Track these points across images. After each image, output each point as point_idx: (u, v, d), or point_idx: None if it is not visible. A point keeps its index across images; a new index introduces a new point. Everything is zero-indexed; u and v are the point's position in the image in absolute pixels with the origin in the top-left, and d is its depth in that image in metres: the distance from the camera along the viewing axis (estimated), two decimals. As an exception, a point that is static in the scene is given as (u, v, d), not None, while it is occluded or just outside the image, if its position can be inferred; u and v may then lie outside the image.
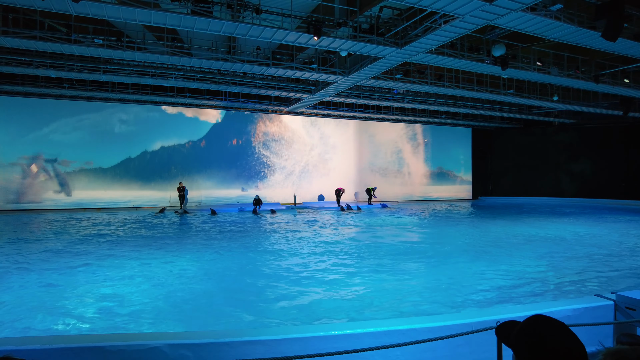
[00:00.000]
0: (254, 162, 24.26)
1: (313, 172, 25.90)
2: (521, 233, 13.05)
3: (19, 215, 17.57)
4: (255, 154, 24.31)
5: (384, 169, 28.15)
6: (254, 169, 24.26)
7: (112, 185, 21.01)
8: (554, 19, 10.69)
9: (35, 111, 19.41)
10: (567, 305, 3.59)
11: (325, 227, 14.37)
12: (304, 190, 25.22)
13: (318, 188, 25.64)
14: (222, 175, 23.41)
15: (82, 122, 20.46)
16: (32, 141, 19.49)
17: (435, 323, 3.07)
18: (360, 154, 27.56)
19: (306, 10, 13.13)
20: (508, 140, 30.65)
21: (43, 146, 19.67)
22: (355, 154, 27.37)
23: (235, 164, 23.75)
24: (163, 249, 9.92)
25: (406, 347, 2.75)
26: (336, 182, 24.67)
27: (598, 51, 13.70)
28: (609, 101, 22.20)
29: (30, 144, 19.45)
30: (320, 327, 3.17)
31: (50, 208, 19.62)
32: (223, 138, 23.65)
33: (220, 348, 2.68)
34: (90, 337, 2.87)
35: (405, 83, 17.45)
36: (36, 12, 11.83)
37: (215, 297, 6.06)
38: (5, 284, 6.67)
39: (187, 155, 22.71)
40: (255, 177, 24.14)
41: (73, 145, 20.24)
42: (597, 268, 7.98)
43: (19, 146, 19.28)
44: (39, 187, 19.69)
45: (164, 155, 22.15)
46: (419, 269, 8.02)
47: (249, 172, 24.08)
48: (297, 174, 25.42)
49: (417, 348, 2.83)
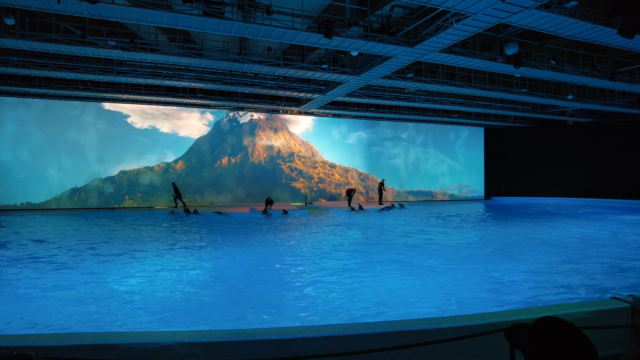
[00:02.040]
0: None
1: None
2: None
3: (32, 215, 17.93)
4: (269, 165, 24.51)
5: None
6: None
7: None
8: (568, 16, 10.50)
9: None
10: (582, 307, 3.53)
11: (353, 228, 14.35)
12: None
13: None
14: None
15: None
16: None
17: (447, 324, 3.04)
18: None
19: (317, 10, 13.13)
20: (521, 140, 30.20)
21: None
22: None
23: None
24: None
25: (418, 347, 2.74)
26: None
27: (614, 48, 13.41)
28: (626, 99, 21.75)
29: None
30: (332, 328, 3.16)
31: (54, 208, 20.00)
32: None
33: (231, 347, 2.69)
34: (104, 335, 2.91)
35: (417, 82, 17.33)
36: (52, 16, 12.05)
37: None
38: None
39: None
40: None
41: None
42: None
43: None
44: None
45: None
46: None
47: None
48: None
49: (429, 349, 2.81)
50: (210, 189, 23.11)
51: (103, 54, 13.59)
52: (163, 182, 22.02)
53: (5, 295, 6.28)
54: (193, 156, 22.96)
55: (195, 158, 23.00)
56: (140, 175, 21.80)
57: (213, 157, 23.43)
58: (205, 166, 23.21)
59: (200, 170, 23.04)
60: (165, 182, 21.93)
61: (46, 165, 19.91)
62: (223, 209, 20.14)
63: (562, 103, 21.46)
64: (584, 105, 22.04)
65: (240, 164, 24.01)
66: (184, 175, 22.61)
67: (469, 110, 24.06)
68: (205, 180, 23.12)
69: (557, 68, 15.89)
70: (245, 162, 24.11)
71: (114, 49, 13.05)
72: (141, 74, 16.60)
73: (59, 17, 12.09)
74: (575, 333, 1.14)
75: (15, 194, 19.42)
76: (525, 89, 19.91)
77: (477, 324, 3.02)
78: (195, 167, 22.95)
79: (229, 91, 20.24)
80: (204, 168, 23.14)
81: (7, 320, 5.22)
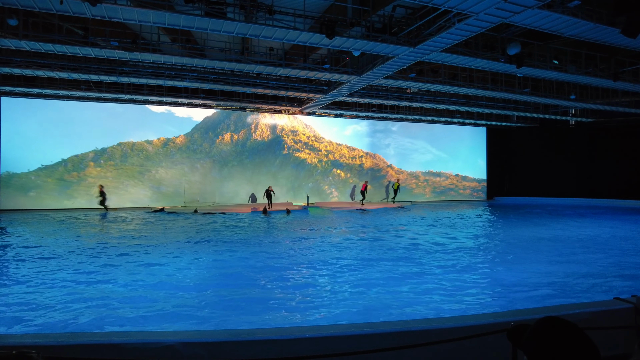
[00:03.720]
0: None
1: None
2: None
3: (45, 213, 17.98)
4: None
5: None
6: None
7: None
8: (571, 16, 10.47)
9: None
10: (585, 308, 3.51)
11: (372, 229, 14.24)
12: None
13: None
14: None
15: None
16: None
17: (449, 324, 3.04)
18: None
19: (319, 10, 13.13)
20: (524, 140, 30.11)
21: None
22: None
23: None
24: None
25: (418, 348, 2.73)
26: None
27: (618, 48, 13.36)
28: (629, 99, 21.67)
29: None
30: (333, 328, 3.16)
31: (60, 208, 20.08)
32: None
33: (233, 347, 2.70)
34: (106, 335, 2.92)
35: (419, 82, 17.31)
36: (54, 16, 12.10)
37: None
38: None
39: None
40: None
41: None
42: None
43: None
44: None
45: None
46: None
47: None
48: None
49: (430, 349, 2.80)
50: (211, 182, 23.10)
51: (105, 54, 13.63)
52: (162, 156, 22.15)
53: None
54: (195, 132, 23.17)
55: (197, 134, 23.20)
56: (136, 148, 21.89)
57: (215, 133, 23.61)
58: (207, 141, 23.34)
59: (201, 144, 23.15)
60: (164, 155, 22.06)
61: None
62: (225, 209, 20.19)
63: (564, 103, 21.39)
64: (587, 105, 21.97)
65: (243, 140, 24.20)
66: (185, 149, 22.69)
67: (471, 110, 24.02)
68: (204, 154, 23.11)
69: (559, 68, 15.84)
70: (248, 138, 24.31)
71: (116, 49, 13.09)
72: (143, 74, 16.64)
73: (62, 17, 12.14)
74: (577, 333, 1.13)
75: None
76: (527, 88, 19.86)
77: (479, 324, 3.01)
78: (196, 142, 23.10)
79: (231, 91, 20.26)
80: (205, 142, 23.27)
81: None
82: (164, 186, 22.17)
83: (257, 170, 24.22)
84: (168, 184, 22.25)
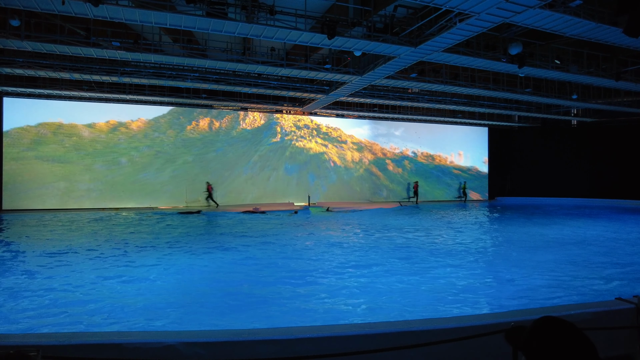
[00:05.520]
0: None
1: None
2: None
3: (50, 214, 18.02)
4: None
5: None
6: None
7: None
8: (573, 16, 10.44)
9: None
10: (587, 308, 3.51)
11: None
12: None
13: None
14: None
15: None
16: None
17: (449, 325, 3.04)
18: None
19: (320, 10, 13.13)
20: (525, 140, 30.05)
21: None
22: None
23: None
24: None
25: (419, 348, 2.73)
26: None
27: (620, 48, 13.33)
28: (631, 99, 21.62)
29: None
30: (334, 328, 3.16)
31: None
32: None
33: (234, 347, 2.70)
34: (107, 334, 2.93)
35: (421, 82, 17.30)
36: (56, 17, 12.12)
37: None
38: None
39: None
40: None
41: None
42: None
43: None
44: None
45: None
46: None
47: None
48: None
49: (431, 349, 2.80)
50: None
51: (107, 54, 13.66)
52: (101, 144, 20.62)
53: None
54: (167, 116, 22.15)
55: (166, 118, 22.11)
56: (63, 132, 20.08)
57: (190, 119, 22.71)
58: (176, 127, 22.27)
59: (165, 132, 21.90)
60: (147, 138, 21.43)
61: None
62: (228, 208, 20.20)
63: (566, 103, 21.35)
64: (589, 105, 21.92)
65: (228, 128, 23.51)
66: (140, 137, 21.29)
67: (473, 110, 23.99)
68: (194, 135, 22.36)
69: (561, 68, 15.81)
70: (235, 126, 23.62)
71: (118, 49, 13.12)
72: (145, 74, 16.67)
73: (64, 18, 12.17)
74: (575, 333, 1.13)
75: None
76: (529, 88, 19.82)
77: (479, 324, 3.01)
78: (160, 128, 21.87)
79: (232, 91, 20.28)
80: (172, 129, 22.14)
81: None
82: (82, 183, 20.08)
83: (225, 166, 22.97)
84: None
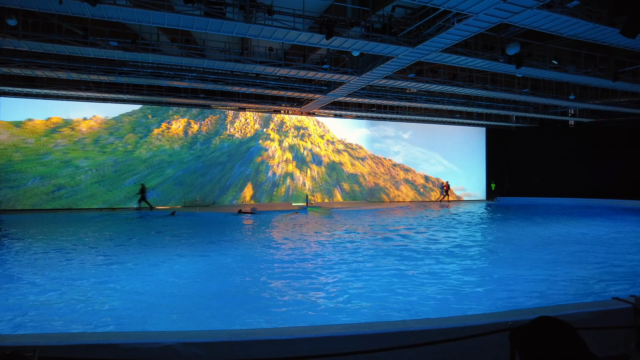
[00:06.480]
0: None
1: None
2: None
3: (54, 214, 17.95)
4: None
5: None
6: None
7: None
8: (570, 16, 10.48)
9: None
10: (584, 308, 3.52)
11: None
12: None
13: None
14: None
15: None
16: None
17: (448, 324, 3.04)
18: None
19: (318, 10, 13.13)
20: (523, 140, 30.12)
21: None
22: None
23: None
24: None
25: (418, 348, 2.73)
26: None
27: (617, 48, 13.37)
28: (628, 99, 21.69)
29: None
30: (332, 328, 3.16)
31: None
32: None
33: (232, 347, 2.69)
34: (104, 335, 2.92)
35: (419, 82, 17.32)
36: (54, 16, 12.09)
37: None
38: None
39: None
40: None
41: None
42: None
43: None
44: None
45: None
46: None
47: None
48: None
49: (429, 349, 2.80)
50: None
51: (105, 54, 13.63)
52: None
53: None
54: (132, 115, 21.58)
55: (131, 117, 21.55)
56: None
57: (160, 120, 22.19)
58: (140, 131, 21.64)
59: (122, 136, 21.15)
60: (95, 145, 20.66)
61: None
62: (221, 208, 20.17)
63: (564, 103, 21.41)
64: (586, 105, 21.99)
65: (208, 135, 23.17)
66: (88, 141, 20.42)
67: (471, 110, 24.04)
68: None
69: (559, 68, 15.85)
70: (220, 131, 23.44)
71: (115, 49, 13.09)
72: (143, 74, 16.64)
73: (62, 17, 12.13)
74: (570, 333, 1.13)
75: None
76: (527, 89, 19.86)
77: (478, 324, 3.01)
78: (119, 130, 21.12)
79: (230, 91, 20.27)
80: (132, 133, 21.40)
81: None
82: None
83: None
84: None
